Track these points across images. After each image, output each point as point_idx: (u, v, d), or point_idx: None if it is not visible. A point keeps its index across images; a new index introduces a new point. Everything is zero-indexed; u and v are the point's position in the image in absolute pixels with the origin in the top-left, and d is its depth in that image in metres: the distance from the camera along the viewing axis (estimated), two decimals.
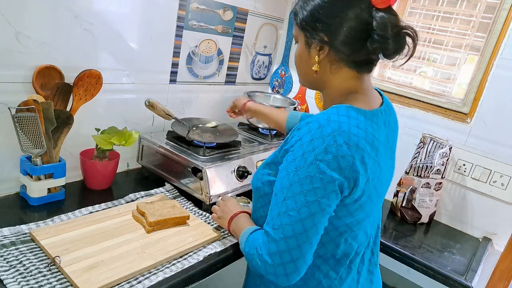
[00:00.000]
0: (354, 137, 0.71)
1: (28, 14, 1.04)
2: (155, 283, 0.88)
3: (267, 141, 1.64)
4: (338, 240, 0.81)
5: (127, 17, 1.28)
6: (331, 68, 0.82)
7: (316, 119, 0.75)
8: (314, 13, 0.79)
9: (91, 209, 1.12)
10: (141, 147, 1.42)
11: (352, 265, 0.85)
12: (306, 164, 0.71)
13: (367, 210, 0.80)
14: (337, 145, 0.70)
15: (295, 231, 0.72)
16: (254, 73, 1.94)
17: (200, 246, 1.04)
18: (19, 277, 0.81)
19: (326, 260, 0.83)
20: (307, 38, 0.82)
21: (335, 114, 0.75)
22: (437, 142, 1.50)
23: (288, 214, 0.73)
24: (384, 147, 0.82)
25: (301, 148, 0.73)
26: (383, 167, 0.80)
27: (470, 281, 1.19)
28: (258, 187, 0.88)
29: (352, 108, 0.77)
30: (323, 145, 0.70)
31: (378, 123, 0.80)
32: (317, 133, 0.72)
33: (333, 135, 0.71)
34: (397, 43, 0.76)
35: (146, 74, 1.42)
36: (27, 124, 1.03)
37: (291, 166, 0.74)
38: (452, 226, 1.58)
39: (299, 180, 0.72)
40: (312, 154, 0.71)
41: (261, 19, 1.81)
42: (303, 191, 0.71)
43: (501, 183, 1.45)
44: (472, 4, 1.58)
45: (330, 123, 0.72)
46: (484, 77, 1.48)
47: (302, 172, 0.72)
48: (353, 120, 0.74)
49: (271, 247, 0.74)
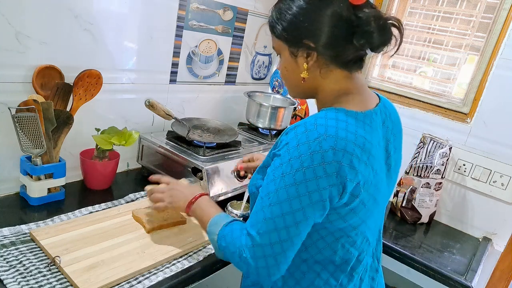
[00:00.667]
0: (342, 141, 0.70)
1: (28, 14, 1.04)
2: (155, 283, 0.88)
3: (267, 141, 1.64)
4: (334, 245, 0.80)
5: (127, 17, 1.28)
6: (321, 72, 0.80)
7: (303, 123, 0.73)
8: (294, 21, 0.77)
9: (91, 209, 1.12)
10: (141, 147, 1.41)
11: (354, 272, 0.84)
12: (292, 171, 0.70)
13: (361, 215, 0.77)
14: (322, 150, 0.69)
15: (281, 238, 0.72)
16: (254, 73, 1.94)
17: (200, 246, 1.04)
18: (19, 277, 0.81)
19: (325, 266, 0.82)
20: (291, 49, 0.80)
21: (323, 117, 0.73)
22: (437, 142, 1.50)
23: (273, 221, 0.72)
24: (380, 149, 0.80)
25: (288, 153, 0.72)
26: (378, 169, 0.78)
27: (470, 281, 1.19)
28: (253, 192, 0.87)
29: (341, 110, 0.75)
30: (309, 151, 0.69)
31: (372, 125, 0.78)
32: (303, 138, 0.71)
33: (318, 140, 0.69)
34: (382, 36, 0.75)
35: (146, 74, 1.42)
36: (27, 124, 1.03)
37: (277, 171, 0.73)
38: (452, 226, 1.58)
39: (285, 186, 0.71)
40: (298, 161, 0.70)
41: (261, 19, 1.81)
42: (289, 198, 0.71)
43: (501, 183, 1.45)
44: (472, 4, 1.58)
45: (317, 128, 0.71)
46: (484, 77, 1.48)
47: (288, 179, 0.71)
48: (341, 123, 0.72)
49: (256, 251, 0.74)
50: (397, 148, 0.89)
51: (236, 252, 0.77)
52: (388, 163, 0.85)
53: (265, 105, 1.68)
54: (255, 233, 0.74)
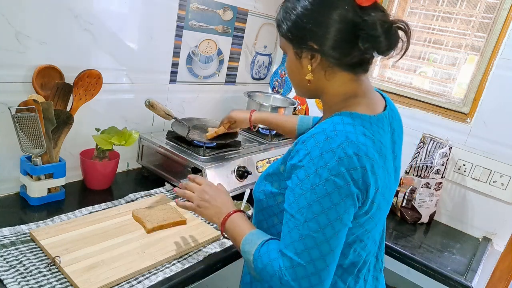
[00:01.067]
0: (363, 146, 0.69)
1: (28, 14, 1.04)
2: (155, 283, 0.88)
3: (267, 141, 1.64)
4: (347, 251, 0.78)
5: (127, 17, 1.28)
6: (326, 74, 0.79)
7: (322, 130, 0.71)
8: (298, 22, 0.75)
9: (91, 209, 1.12)
10: (141, 147, 1.41)
11: (360, 274, 0.83)
12: (322, 181, 0.68)
13: (375, 220, 0.77)
14: (348, 156, 0.67)
15: (322, 252, 0.69)
16: (254, 73, 1.94)
17: (200, 246, 1.04)
18: (19, 277, 0.81)
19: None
20: (296, 49, 0.79)
21: (340, 123, 0.71)
22: (437, 142, 1.50)
23: (312, 236, 0.69)
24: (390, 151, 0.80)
25: (313, 163, 0.69)
26: (391, 173, 0.78)
27: (470, 281, 1.19)
28: (261, 199, 0.84)
29: (356, 115, 0.74)
30: (334, 159, 0.67)
31: (384, 128, 0.77)
32: (325, 146, 0.69)
33: (342, 146, 0.68)
34: (389, 39, 0.73)
35: (146, 74, 1.42)
36: (27, 124, 1.03)
37: (305, 184, 0.70)
38: (452, 226, 1.58)
39: (317, 199, 0.69)
40: (325, 170, 0.68)
41: (261, 19, 1.81)
42: (324, 210, 0.68)
43: (501, 183, 1.45)
44: (472, 4, 1.58)
45: (337, 134, 0.69)
46: (484, 77, 1.48)
47: (320, 190, 0.68)
48: (359, 128, 0.71)
49: (298, 271, 0.70)
50: (401, 149, 0.89)
51: (275, 275, 0.73)
52: (395, 165, 0.85)
53: (265, 105, 1.68)
54: (293, 254, 0.70)
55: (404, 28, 0.74)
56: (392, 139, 0.83)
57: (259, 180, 0.87)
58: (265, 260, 0.74)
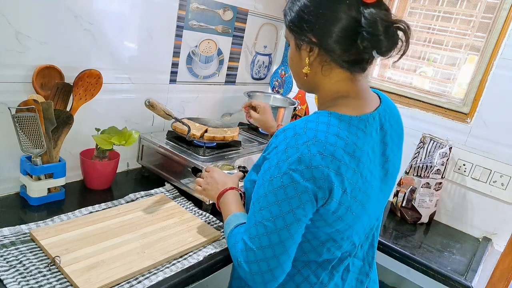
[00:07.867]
0: (331, 147, 0.69)
1: (28, 14, 1.04)
2: (155, 283, 0.88)
3: (267, 141, 1.64)
4: (320, 249, 0.79)
5: (127, 17, 1.28)
6: (323, 69, 0.79)
7: (293, 127, 0.72)
8: (301, 13, 0.76)
9: (91, 209, 1.12)
10: (141, 147, 1.42)
11: (335, 271, 0.83)
12: (280, 174, 0.70)
13: (348, 222, 0.76)
14: (310, 154, 0.68)
15: (272, 241, 0.71)
16: (254, 73, 1.94)
17: (200, 246, 1.04)
18: (19, 277, 0.81)
19: (307, 264, 0.82)
20: (296, 40, 0.79)
21: (314, 121, 0.72)
22: (437, 142, 1.50)
23: (263, 224, 0.72)
24: (376, 154, 0.79)
25: (276, 156, 0.72)
26: (367, 176, 0.76)
27: (470, 281, 1.19)
28: (247, 188, 0.88)
29: (335, 114, 0.73)
30: (296, 154, 0.69)
31: (366, 130, 0.76)
32: (292, 141, 0.70)
33: (307, 144, 0.69)
34: (389, 40, 0.72)
35: (146, 74, 1.42)
36: (27, 124, 1.03)
37: (266, 175, 0.73)
38: (452, 226, 1.58)
39: (273, 190, 0.71)
40: (285, 164, 0.70)
41: (261, 19, 1.81)
42: (278, 201, 0.71)
43: (501, 183, 1.45)
44: (472, 4, 1.58)
45: (306, 132, 0.70)
46: (484, 77, 1.48)
47: (276, 182, 0.71)
48: (332, 128, 0.71)
49: (249, 255, 0.74)
50: (396, 151, 0.87)
51: (234, 256, 0.78)
52: (386, 168, 0.84)
53: None
54: (247, 238, 0.75)
55: (404, 29, 0.74)
56: (383, 141, 0.82)
57: (249, 171, 0.91)
58: (232, 242, 0.81)
